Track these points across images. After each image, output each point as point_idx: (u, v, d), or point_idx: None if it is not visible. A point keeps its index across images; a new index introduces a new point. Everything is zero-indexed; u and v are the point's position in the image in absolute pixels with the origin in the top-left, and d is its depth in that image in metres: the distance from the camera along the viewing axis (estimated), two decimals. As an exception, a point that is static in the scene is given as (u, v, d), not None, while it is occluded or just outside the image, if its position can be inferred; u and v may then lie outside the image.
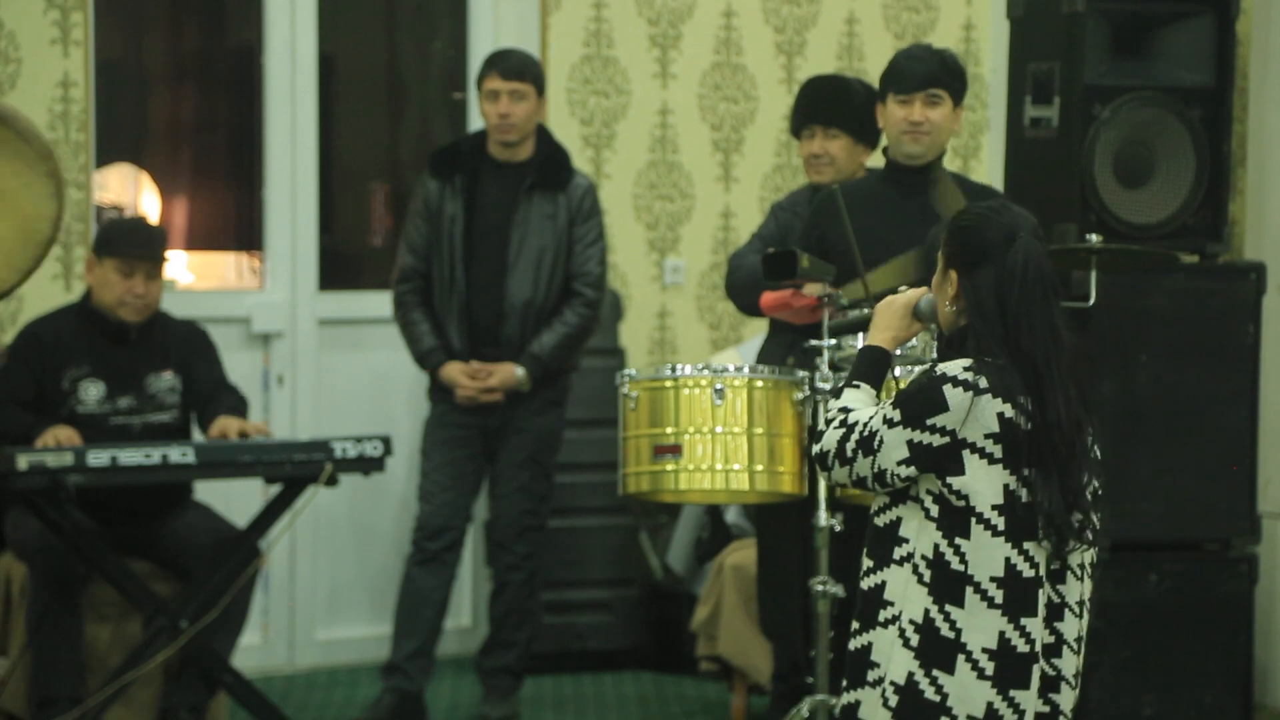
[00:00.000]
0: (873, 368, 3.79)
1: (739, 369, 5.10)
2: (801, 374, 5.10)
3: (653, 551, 7.02)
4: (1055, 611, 3.66)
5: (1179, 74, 5.97)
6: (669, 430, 5.04)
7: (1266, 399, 6.14)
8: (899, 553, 3.62)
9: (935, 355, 4.84)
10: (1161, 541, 5.98)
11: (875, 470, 3.63)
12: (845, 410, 3.70)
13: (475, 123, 6.98)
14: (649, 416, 5.07)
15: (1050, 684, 3.67)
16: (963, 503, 3.59)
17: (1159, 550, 5.97)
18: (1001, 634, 3.59)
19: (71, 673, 5.76)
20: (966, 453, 3.59)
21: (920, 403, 3.61)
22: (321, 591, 7.09)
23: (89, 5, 6.57)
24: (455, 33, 7.34)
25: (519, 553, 6.31)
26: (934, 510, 3.60)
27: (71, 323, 5.96)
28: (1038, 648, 3.62)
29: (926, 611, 3.59)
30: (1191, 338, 5.98)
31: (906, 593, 3.61)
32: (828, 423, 3.71)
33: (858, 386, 3.75)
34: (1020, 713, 3.60)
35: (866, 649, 3.64)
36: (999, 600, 3.58)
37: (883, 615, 3.62)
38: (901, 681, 3.59)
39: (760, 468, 5.03)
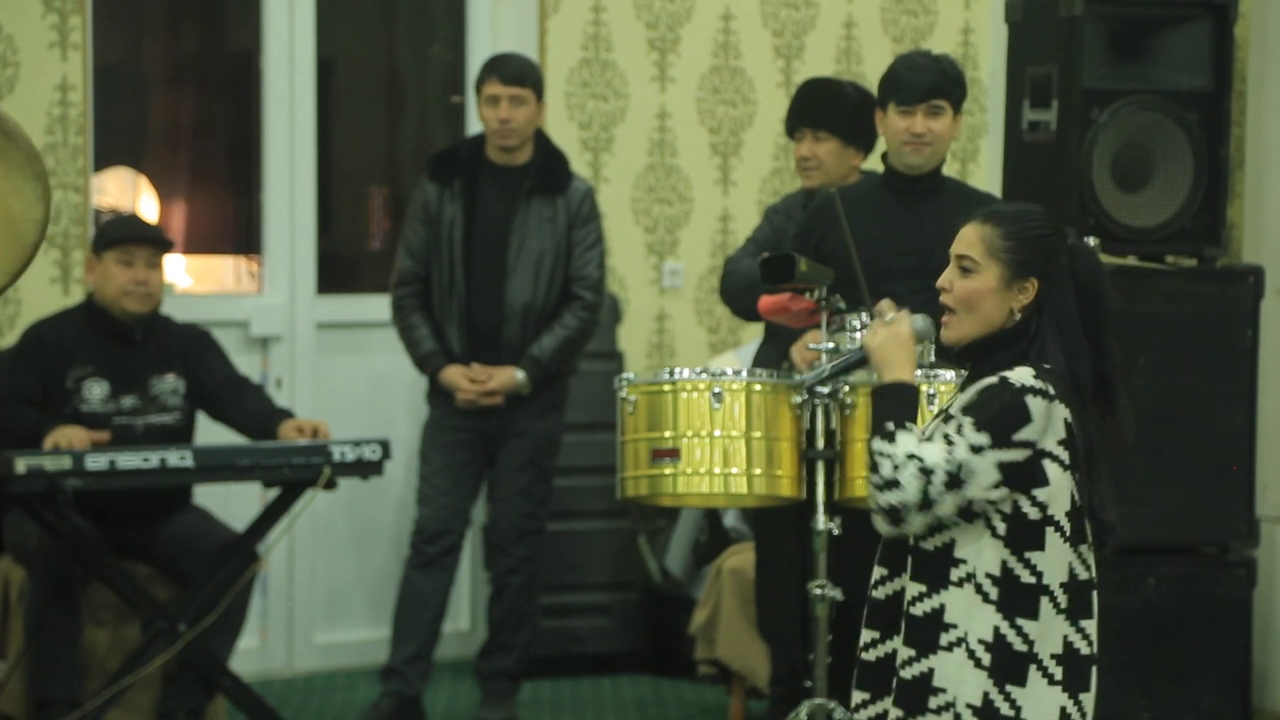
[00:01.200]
0: (910, 406, 3.66)
1: (737, 372, 5.10)
2: (799, 377, 5.10)
3: (651, 555, 7.02)
4: None
5: (1177, 78, 5.97)
6: (667, 434, 5.04)
7: (1264, 402, 6.14)
8: (956, 575, 3.60)
9: (933, 359, 4.84)
10: (1160, 545, 5.98)
11: (961, 504, 3.57)
12: (914, 457, 3.57)
13: (474, 126, 6.98)
14: (647, 420, 5.07)
15: None
16: (1040, 513, 3.58)
17: (1157, 554, 5.97)
18: (1065, 638, 3.60)
19: (70, 676, 5.75)
20: (1047, 461, 3.59)
21: (1007, 420, 3.56)
22: (320, 595, 7.09)
23: (87, 9, 6.57)
24: (453, 36, 7.34)
25: (518, 556, 6.31)
26: (1001, 528, 3.59)
27: (76, 323, 5.97)
28: (1095, 648, 3.64)
29: (996, 629, 3.57)
30: (1189, 341, 5.98)
31: (970, 613, 3.58)
32: (895, 470, 3.57)
33: (909, 429, 3.62)
34: (1084, 715, 3.61)
35: (927, 675, 3.59)
36: (1064, 605, 3.59)
37: (945, 639, 3.59)
38: (978, 703, 3.57)
39: (759, 471, 5.03)
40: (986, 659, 3.57)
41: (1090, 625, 3.62)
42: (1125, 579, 5.89)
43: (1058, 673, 3.58)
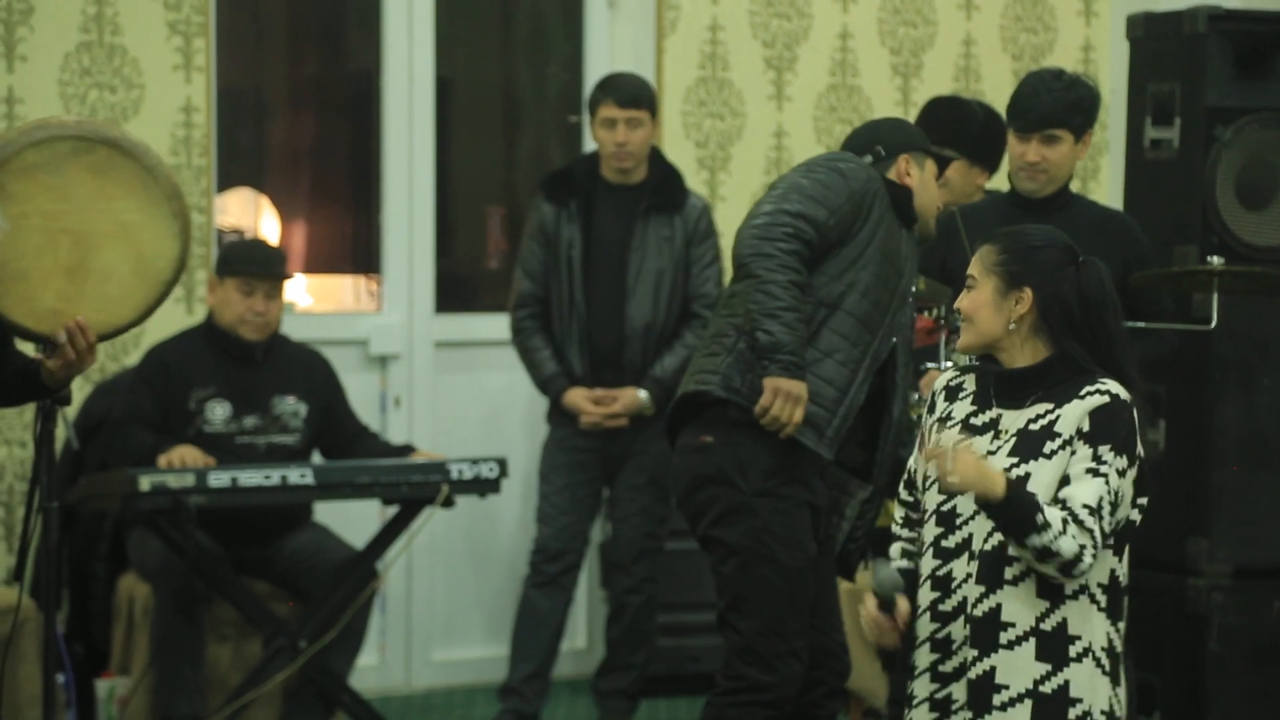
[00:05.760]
0: (1025, 499, 3.70)
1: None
2: (915, 395, 5.08)
3: (768, 574, 6.98)
4: None
5: (1302, 95, 5.91)
6: (785, 452, 5.01)
7: (1391, 423, 6.05)
8: (1070, 588, 3.75)
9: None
10: (1284, 568, 5.92)
11: (1115, 529, 3.74)
12: (1068, 520, 3.67)
13: (590, 145, 7.00)
14: (766, 438, 5.04)
15: None
16: (1139, 517, 3.81)
17: (1282, 577, 5.91)
18: (1108, 635, 3.83)
19: (193, 692, 5.81)
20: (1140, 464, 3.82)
21: (1130, 438, 3.75)
22: (438, 612, 7.11)
23: (211, 32, 6.65)
24: (571, 56, 7.37)
25: (638, 575, 6.31)
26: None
27: (197, 344, 6.03)
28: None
29: (1108, 634, 3.78)
30: (1314, 361, 5.91)
31: (1089, 622, 3.75)
32: (1081, 549, 3.66)
33: (1041, 508, 3.68)
34: (1123, 707, 3.83)
35: (1064, 687, 3.73)
36: (1104, 605, 3.79)
37: (1073, 650, 3.74)
38: (1107, 708, 3.76)
39: (877, 491, 5.01)
40: (1108, 664, 3.75)
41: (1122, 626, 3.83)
42: (1249, 602, 5.83)
43: (1107, 664, 3.77)
